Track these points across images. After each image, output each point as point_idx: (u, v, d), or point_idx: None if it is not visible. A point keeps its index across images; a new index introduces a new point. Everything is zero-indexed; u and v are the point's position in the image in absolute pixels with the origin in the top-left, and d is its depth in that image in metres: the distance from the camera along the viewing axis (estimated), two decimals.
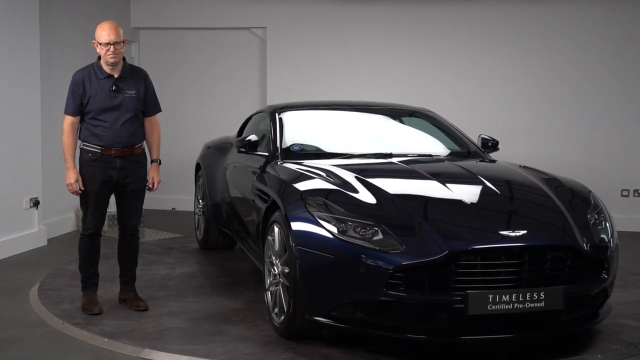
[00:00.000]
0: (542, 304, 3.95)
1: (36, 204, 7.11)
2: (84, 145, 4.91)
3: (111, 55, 4.78)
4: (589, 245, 4.22)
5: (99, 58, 4.89)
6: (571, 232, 4.24)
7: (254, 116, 6.61)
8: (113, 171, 4.89)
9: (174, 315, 4.97)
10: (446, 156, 5.56)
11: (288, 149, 5.46)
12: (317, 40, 9.09)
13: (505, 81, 8.81)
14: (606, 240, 4.38)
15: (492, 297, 3.90)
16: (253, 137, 5.51)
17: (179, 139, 9.06)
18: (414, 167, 5.03)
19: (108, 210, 5.21)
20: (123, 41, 4.81)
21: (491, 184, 4.66)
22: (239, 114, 8.16)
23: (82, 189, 4.88)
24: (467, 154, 5.63)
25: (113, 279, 5.39)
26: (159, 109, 5.15)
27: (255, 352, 4.27)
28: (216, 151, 6.93)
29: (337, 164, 5.03)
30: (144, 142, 5.09)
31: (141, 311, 5.01)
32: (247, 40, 9.37)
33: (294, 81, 9.03)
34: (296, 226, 4.24)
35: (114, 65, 4.83)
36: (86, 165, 4.90)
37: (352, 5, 8.98)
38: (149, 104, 5.03)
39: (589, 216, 4.47)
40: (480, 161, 5.46)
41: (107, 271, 5.48)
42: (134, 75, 4.96)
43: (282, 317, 4.43)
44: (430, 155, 5.50)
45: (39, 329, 4.78)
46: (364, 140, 5.77)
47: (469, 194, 4.52)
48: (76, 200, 8.01)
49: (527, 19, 8.73)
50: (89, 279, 5.06)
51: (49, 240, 7.33)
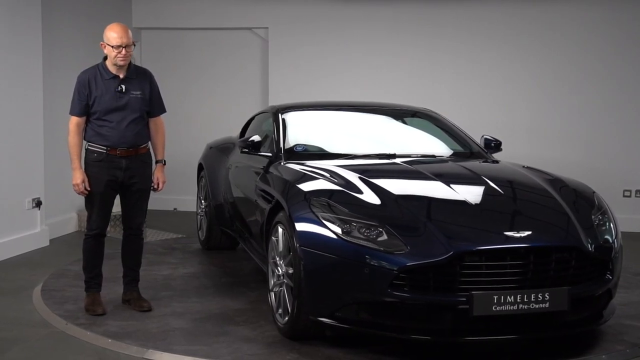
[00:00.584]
0: (547, 304, 3.95)
1: (38, 204, 7.10)
2: (89, 145, 4.91)
3: (122, 58, 4.79)
4: (593, 246, 4.22)
5: (104, 59, 4.89)
6: (575, 233, 4.24)
7: (256, 116, 6.62)
8: (119, 171, 4.89)
9: (178, 315, 4.97)
10: (449, 157, 5.56)
11: (291, 149, 5.46)
12: (318, 40, 9.10)
13: (505, 81, 8.81)
14: (610, 241, 4.38)
15: (496, 298, 3.90)
16: (256, 138, 5.51)
17: (180, 139, 9.05)
18: (417, 168, 5.03)
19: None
20: (133, 44, 4.83)
21: (495, 184, 4.66)
22: (240, 114, 8.18)
23: (89, 189, 4.88)
24: (470, 155, 5.63)
25: (116, 279, 5.39)
26: (163, 110, 5.16)
27: (259, 353, 4.28)
28: (219, 151, 6.93)
29: (341, 164, 5.03)
30: (149, 142, 5.10)
31: (145, 312, 5.01)
32: (249, 41, 9.37)
33: (295, 81, 9.04)
34: (300, 227, 4.23)
35: (122, 67, 4.85)
36: (92, 165, 4.90)
37: (353, 5, 8.98)
38: (154, 105, 5.05)
39: (593, 217, 4.47)
40: (484, 162, 5.46)
41: (110, 272, 5.47)
42: (139, 76, 4.97)
43: (286, 318, 4.43)
44: (433, 156, 5.49)
45: (42, 329, 4.78)
46: (367, 140, 5.77)
47: (473, 194, 4.52)
48: (78, 200, 8.08)
49: (527, 19, 8.74)
50: (93, 279, 5.06)
51: (51, 241, 7.33)
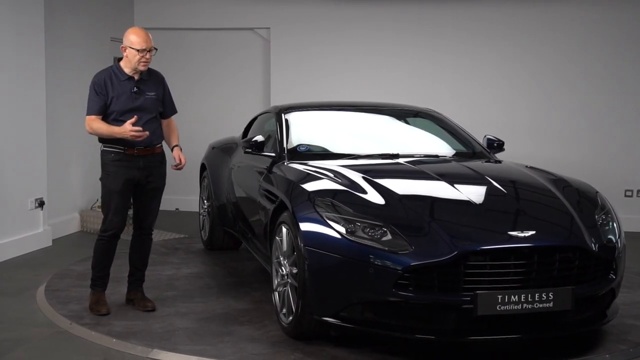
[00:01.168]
0: (551, 304, 3.96)
1: (41, 204, 7.10)
2: (105, 147, 4.92)
3: (144, 62, 4.84)
4: (596, 245, 4.23)
5: (118, 60, 4.92)
6: (579, 233, 4.25)
7: (259, 117, 6.63)
8: (136, 170, 4.90)
9: (182, 315, 4.98)
10: (452, 156, 5.57)
11: (294, 149, 5.47)
12: (320, 40, 9.11)
13: (505, 81, 8.82)
14: (614, 240, 4.39)
15: (501, 298, 3.91)
16: (259, 138, 5.51)
17: (183, 139, 8.83)
18: (421, 168, 5.04)
19: None
20: (155, 48, 4.88)
21: (499, 184, 4.67)
22: (242, 114, 8.19)
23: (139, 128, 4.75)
24: (472, 155, 5.64)
25: (120, 279, 5.40)
26: (175, 111, 5.24)
27: (264, 353, 4.29)
28: (221, 152, 6.94)
29: (344, 164, 5.04)
30: (163, 142, 5.13)
31: (149, 311, 5.02)
32: (251, 41, 9.37)
33: (297, 81, 9.05)
34: (305, 227, 4.24)
35: (142, 71, 4.88)
36: (110, 165, 4.90)
37: (355, 5, 8.99)
38: (166, 106, 5.11)
39: (596, 217, 4.48)
40: (487, 161, 5.47)
41: (114, 271, 5.43)
42: (152, 78, 5.01)
43: (291, 318, 4.44)
44: (436, 156, 5.50)
45: (46, 329, 4.78)
46: (370, 140, 5.78)
47: (476, 194, 4.53)
48: (81, 200, 8.12)
49: (527, 19, 8.75)
50: (100, 278, 5.06)
51: (54, 241, 7.33)
